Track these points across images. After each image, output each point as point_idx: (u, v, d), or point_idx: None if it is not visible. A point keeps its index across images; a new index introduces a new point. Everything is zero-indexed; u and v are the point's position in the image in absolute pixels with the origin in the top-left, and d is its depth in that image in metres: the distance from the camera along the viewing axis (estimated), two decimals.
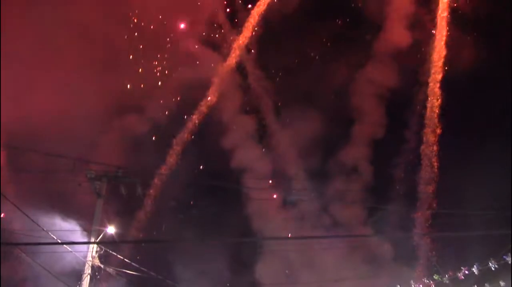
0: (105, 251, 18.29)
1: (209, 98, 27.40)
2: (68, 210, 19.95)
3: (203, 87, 27.29)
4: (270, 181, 25.39)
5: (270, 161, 26.57)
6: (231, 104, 27.82)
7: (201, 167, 26.23)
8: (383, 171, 27.54)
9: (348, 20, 28.98)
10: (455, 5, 26.85)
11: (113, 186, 18.61)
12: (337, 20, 29.06)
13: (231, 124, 27.32)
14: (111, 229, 18.70)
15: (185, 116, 27.24)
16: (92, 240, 18.26)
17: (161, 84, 27.54)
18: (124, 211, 20.12)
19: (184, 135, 26.84)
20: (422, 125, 27.07)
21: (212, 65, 27.81)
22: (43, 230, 18.03)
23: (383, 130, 27.77)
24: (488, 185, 22.20)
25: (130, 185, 18.76)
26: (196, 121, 27.06)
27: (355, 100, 27.83)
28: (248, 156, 26.01)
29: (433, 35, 27.36)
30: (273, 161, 26.65)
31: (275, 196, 24.75)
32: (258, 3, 28.38)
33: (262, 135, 27.94)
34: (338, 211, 25.33)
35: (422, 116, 27.25)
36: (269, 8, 28.26)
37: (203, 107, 27.24)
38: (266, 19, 28.35)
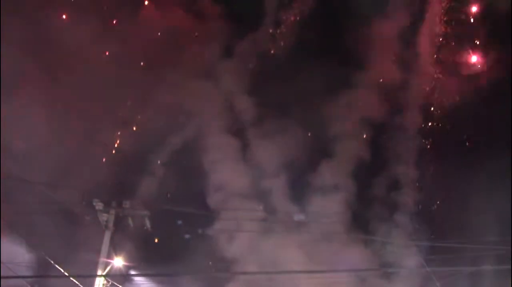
0: (112, 284, 18.07)
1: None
2: (74, 241, 19.73)
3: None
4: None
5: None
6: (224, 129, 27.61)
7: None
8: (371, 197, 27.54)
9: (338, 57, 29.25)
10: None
11: (121, 217, 18.43)
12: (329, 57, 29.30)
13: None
14: (118, 262, 18.50)
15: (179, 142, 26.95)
16: (99, 273, 18.02)
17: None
18: (132, 242, 19.87)
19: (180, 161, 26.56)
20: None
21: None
22: (50, 262, 17.82)
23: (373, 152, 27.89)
24: (489, 218, 22.52)
25: (139, 217, 18.65)
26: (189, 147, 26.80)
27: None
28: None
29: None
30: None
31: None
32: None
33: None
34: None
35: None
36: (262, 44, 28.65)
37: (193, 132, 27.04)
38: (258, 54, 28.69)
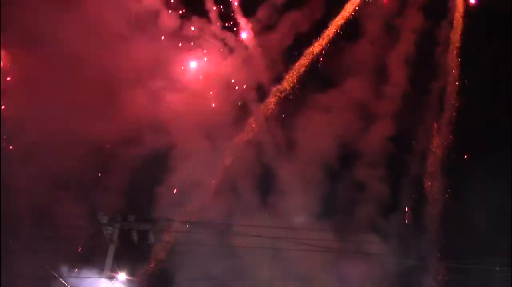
0: None
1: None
2: (79, 255, 19.92)
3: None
4: None
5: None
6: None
7: None
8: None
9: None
10: None
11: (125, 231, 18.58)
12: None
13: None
14: (122, 276, 18.67)
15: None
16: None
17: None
18: (136, 257, 20.04)
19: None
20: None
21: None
22: (55, 276, 18.03)
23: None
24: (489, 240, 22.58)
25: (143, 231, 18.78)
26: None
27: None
28: None
29: None
30: None
31: None
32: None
33: None
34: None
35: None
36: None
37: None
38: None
